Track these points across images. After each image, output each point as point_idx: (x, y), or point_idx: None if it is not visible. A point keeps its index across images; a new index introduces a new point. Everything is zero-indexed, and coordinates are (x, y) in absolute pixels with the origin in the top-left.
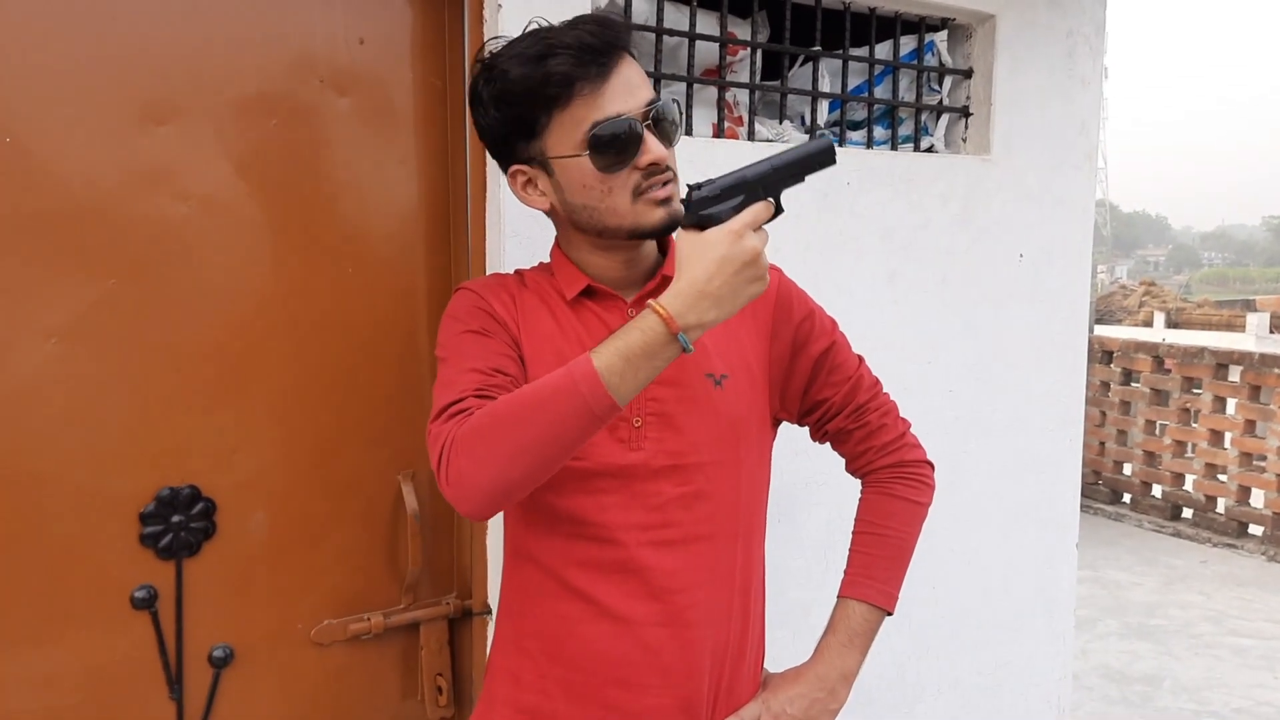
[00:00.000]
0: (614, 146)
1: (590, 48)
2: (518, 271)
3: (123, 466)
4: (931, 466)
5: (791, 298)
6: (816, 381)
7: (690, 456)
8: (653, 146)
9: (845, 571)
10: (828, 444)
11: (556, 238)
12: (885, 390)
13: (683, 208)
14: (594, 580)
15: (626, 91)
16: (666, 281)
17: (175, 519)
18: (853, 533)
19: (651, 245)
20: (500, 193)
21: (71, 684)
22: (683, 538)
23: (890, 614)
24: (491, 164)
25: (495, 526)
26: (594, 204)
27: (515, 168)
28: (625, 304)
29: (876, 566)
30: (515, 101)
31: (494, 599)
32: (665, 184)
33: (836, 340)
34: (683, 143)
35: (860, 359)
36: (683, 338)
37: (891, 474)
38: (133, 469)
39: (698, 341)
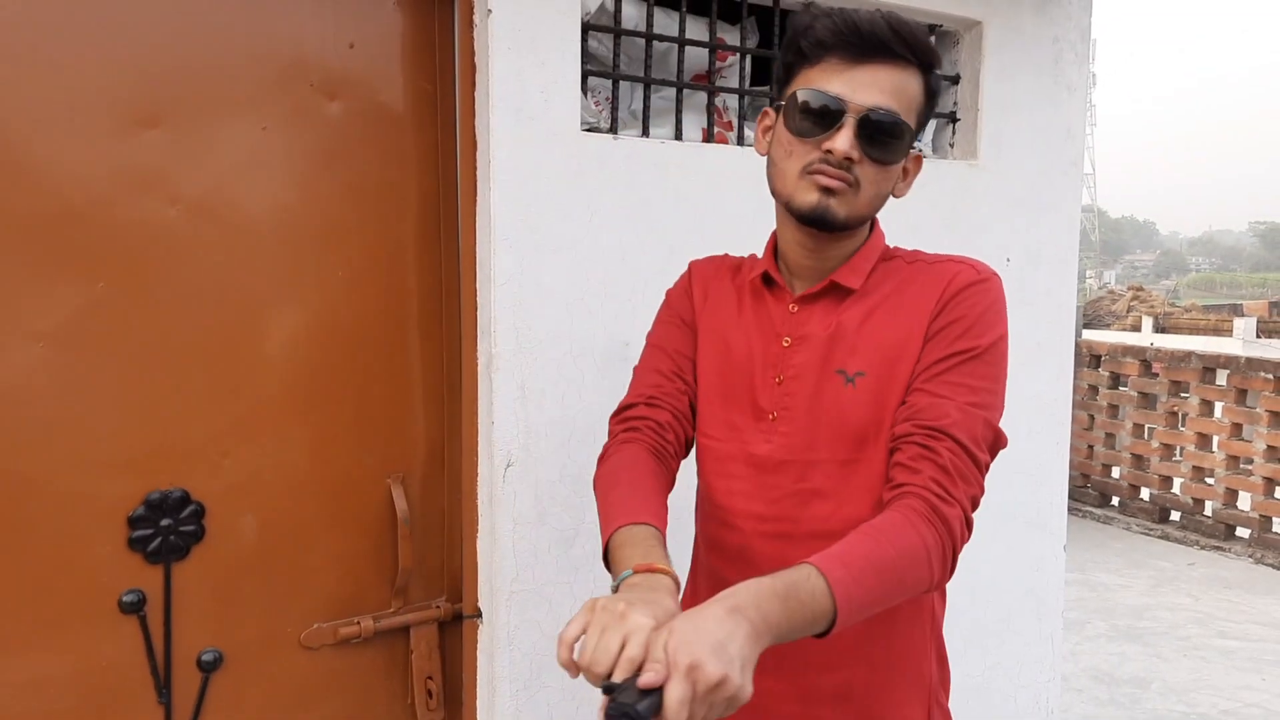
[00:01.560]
0: (810, 116)
1: (860, 34)
2: (750, 256)
3: (111, 470)
4: (956, 559)
5: (956, 300)
6: (919, 379)
7: (808, 453)
8: (842, 139)
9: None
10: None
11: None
12: (985, 472)
13: (842, 210)
14: (721, 563)
15: (862, 85)
16: (834, 287)
17: (164, 522)
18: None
19: (846, 246)
20: (490, 196)
21: (59, 689)
22: (799, 533)
23: (833, 623)
24: (482, 168)
25: (485, 530)
26: (777, 160)
27: (766, 109)
28: (789, 297)
29: (853, 557)
30: (788, 45)
31: (484, 602)
32: (837, 178)
33: (962, 364)
34: (674, 148)
35: (985, 416)
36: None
37: (928, 509)
38: (121, 472)
39: (836, 335)
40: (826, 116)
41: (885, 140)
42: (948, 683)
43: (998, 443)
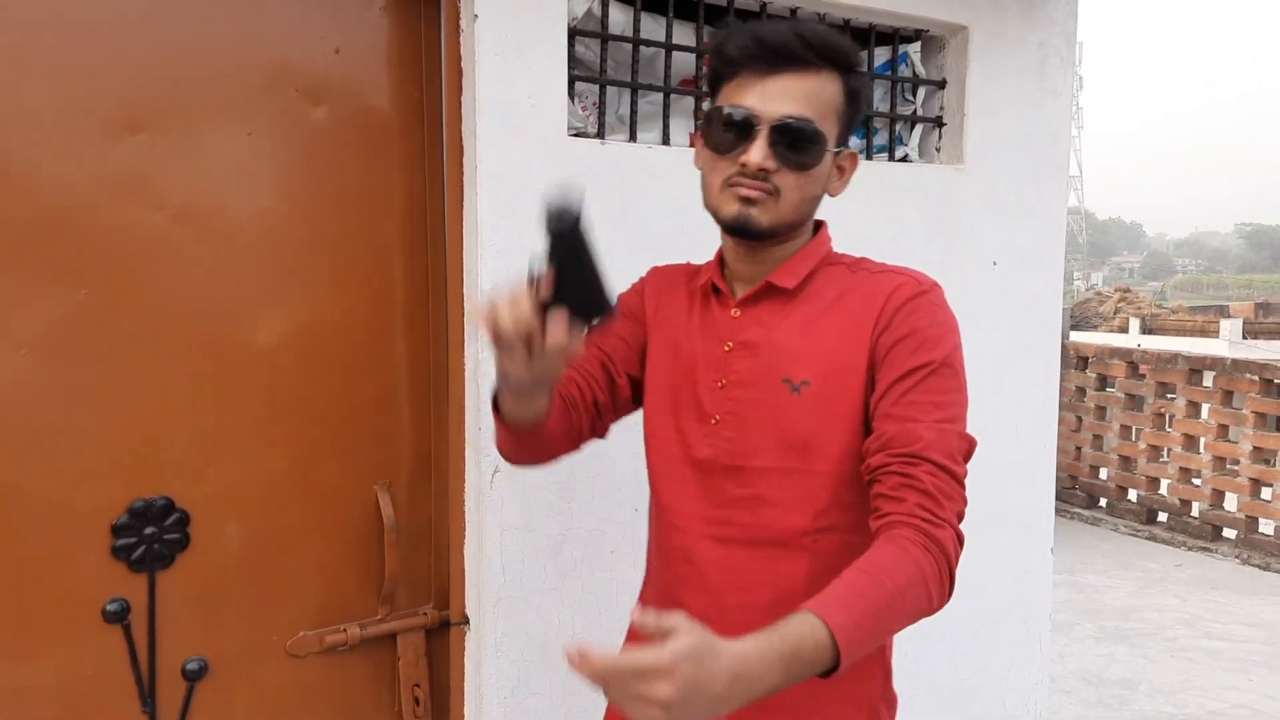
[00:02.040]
0: (726, 130)
1: (767, 46)
2: (695, 265)
3: (95, 478)
4: (954, 580)
5: (905, 313)
6: (879, 409)
7: (752, 459)
8: (755, 151)
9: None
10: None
11: None
12: (965, 484)
13: (764, 219)
14: (667, 563)
15: (773, 96)
16: (770, 289)
17: (148, 530)
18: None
19: (783, 250)
20: (477, 201)
21: (42, 699)
22: (742, 538)
23: (836, 666)
24: (469, 173)
25: (472, 536)
26: (704, 175)
27: (702, 120)
28: (732, 302)
29: (855, 603)
30: (709, 65)
31: (471, 609)
32: (754, 188)
33: (925, 380)
34: (661, 152)
35: (957, 430)
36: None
37: (920, 536)
38: (105, 480)
39: (779, 345)
40: (741, 129)
41: (801, 146)
42: (892, 702)
43: (970, 450)
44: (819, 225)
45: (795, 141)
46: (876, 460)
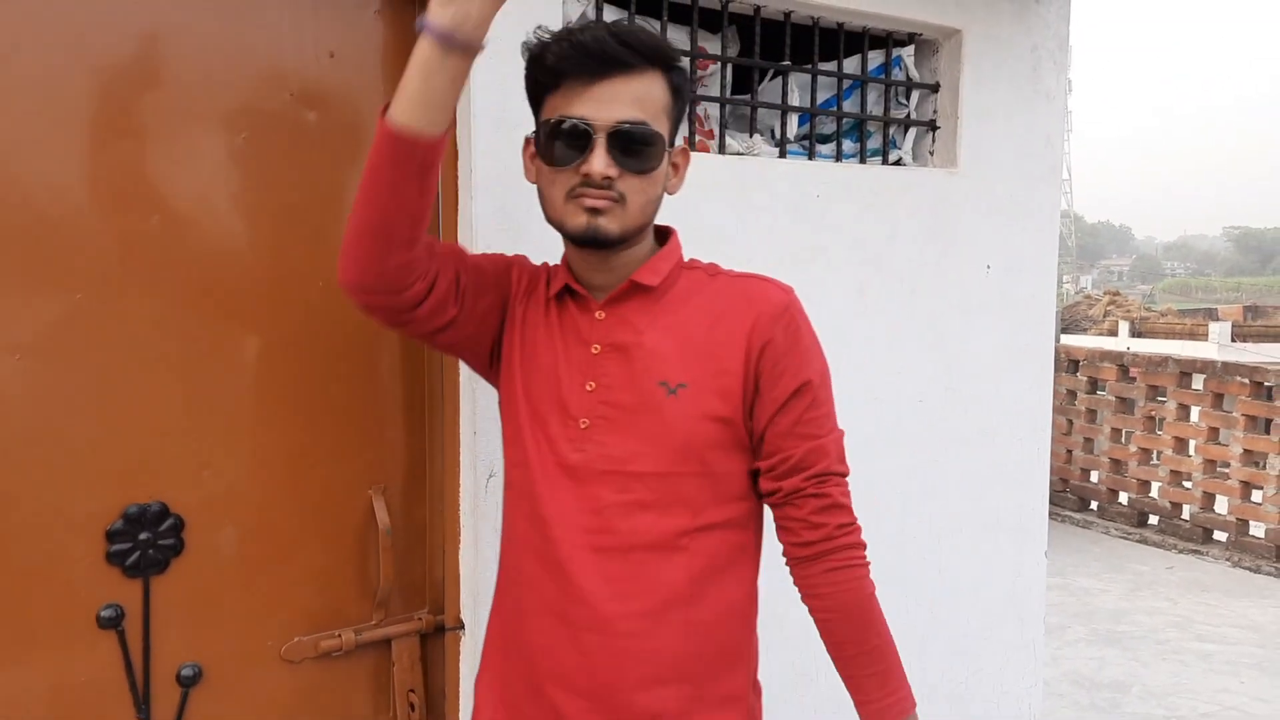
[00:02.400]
0: (561, 142)
1: (590, 52)
2: (544, 265)
3: (89, 483)
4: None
5: (784, 324)
6: (779, 426)
7: (630, 464)
8: (597, 160)
9: (859, 703)
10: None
11: None
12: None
13: (614, 227)
14: (540, 575)
15: (603, 102)
16: (635, 287)
17: (143, 536)
18: (843, 655)
19: (634, 255)
20: (472, 206)
21: (36, 705)
22: (620, 545)
23: (914, 709)
24: (463, 178)
25: (467, 541)
26: (543, 189)
27: (528, 136)
28: (595, 304)
29: (889, 685)
30: (528, 76)
31: (466, 614)
32: (600, 197)
33: (812, 395)
34: None
35: (836, 431)
36: (423, 22)
37: (850, 559)
38: (99, 486)
39: (652, 348)
40: (577, 139)
41: (639, 150)
42: (759, 690)
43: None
44: (669, 232)
45: (634, 146)
46: (790, 485)
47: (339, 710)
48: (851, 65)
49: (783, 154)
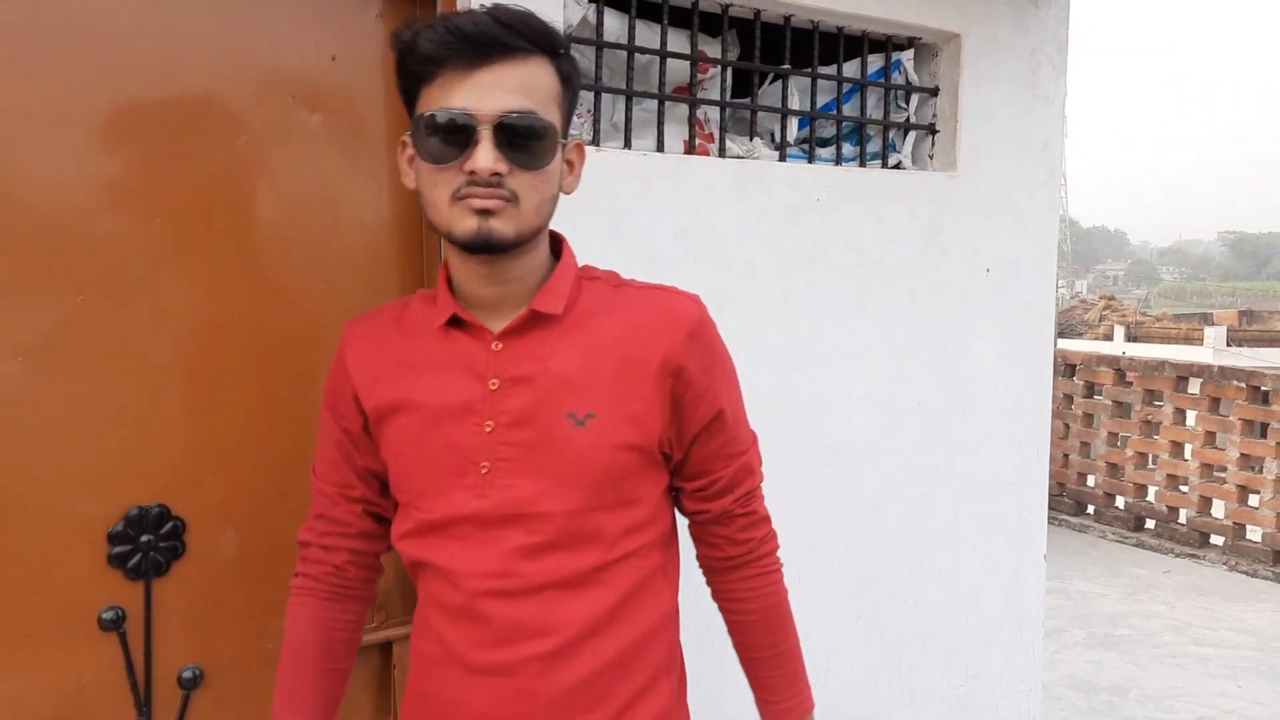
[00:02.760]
0: (442, 138)
1: (468, 37)
2: (408, 299)
3: (90, 486)
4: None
5: (700, 343)
6: (705, 449)
7: (539, 505)
8: (482, 155)
9: (763, 702)
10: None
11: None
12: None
13: (508, 229)
14: (447, 624)
15: (486, 91)
16: (535, 316)
17: (144, 539)
18: (755, 656)
19: (528, 264)
20: None
21: (38, 707)
22: (529, 588)
23: (814, 710)
24: None
25: None
26: (424, 192)
27: (403, 137)
28: (490, 337)
29: (796, 685)
30: (399, 69)
31: None
32: (489, 197)
33: (734, 410)
34: (656, 159)
35: (754, 438)
36: None
37: (769, 565)
38: (101, 488)
39: (557, 376)
40: (459, 134)
41: (530, 143)
42: (684, 698)
43: None
44: (560, 240)
45: (523, 138)
46: (719, 506)
47: (340, 712)
48: (851, 69)
49: (782, 157)
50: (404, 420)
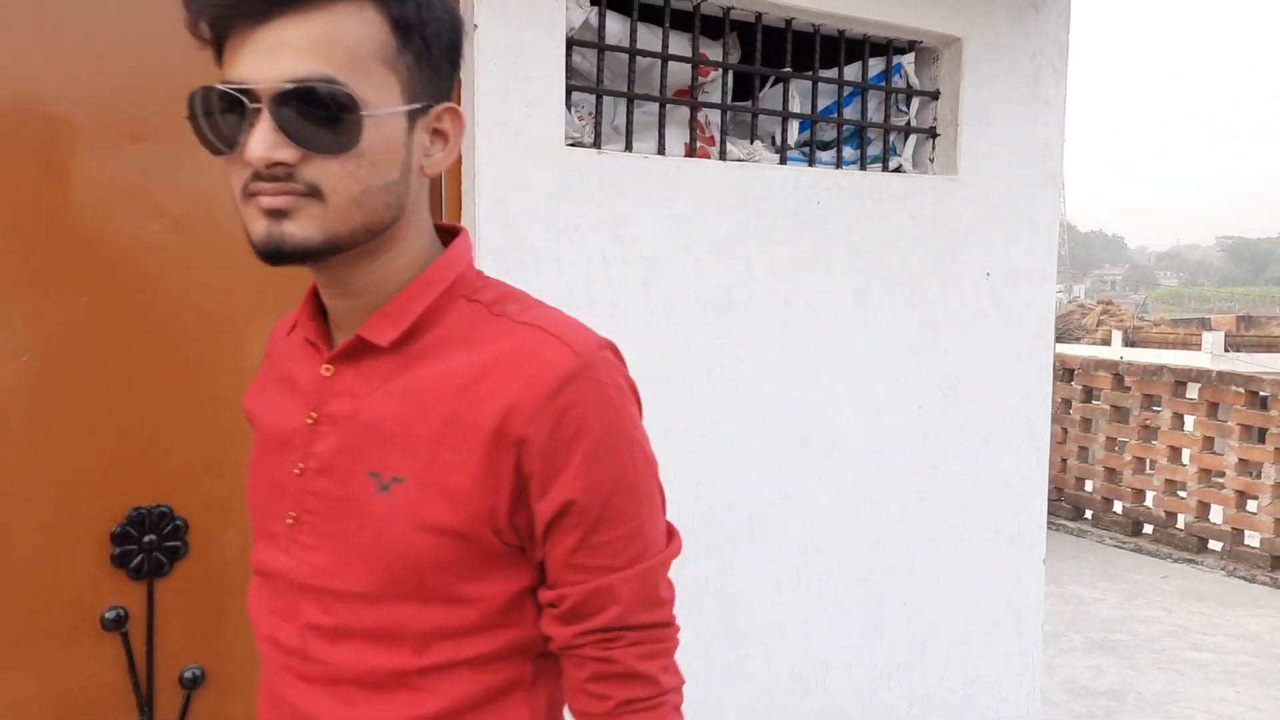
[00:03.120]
0: (216, 122)
1: None
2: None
3: (93, 486)
4: None
5: (559, 408)
6: (554, 552)
7: (334, 579)
8: (256, 142)
9: None
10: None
11: None
12: (675, 621)
13: (309, 233)
14: (264, 698)
15: (264, 56)
16: (362, 344)
17: (147, 539)
18: None
19: (384, 270)
20: (475, 210)
21: (40, 707)
22: (324, 677)
23: None
24: (467, 182)
25: None
26: (232, 186)
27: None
28: (326, 355)
29: None
30: (189, 26)
31: None
32: (278, 193)
33: (605, 508)
34: (657, 162)
35: (659, 560)
36: None
37: None
38: (104, 488)
39: (368, 421)
40: (233, 115)
41: (322, 119)
42: None
43: (673, 557)
44: (455, 235)
45: (313, 112)
46: (563, 637)
47: None
48: (852, 72)
49: (783, 160)
50: (255, 438)
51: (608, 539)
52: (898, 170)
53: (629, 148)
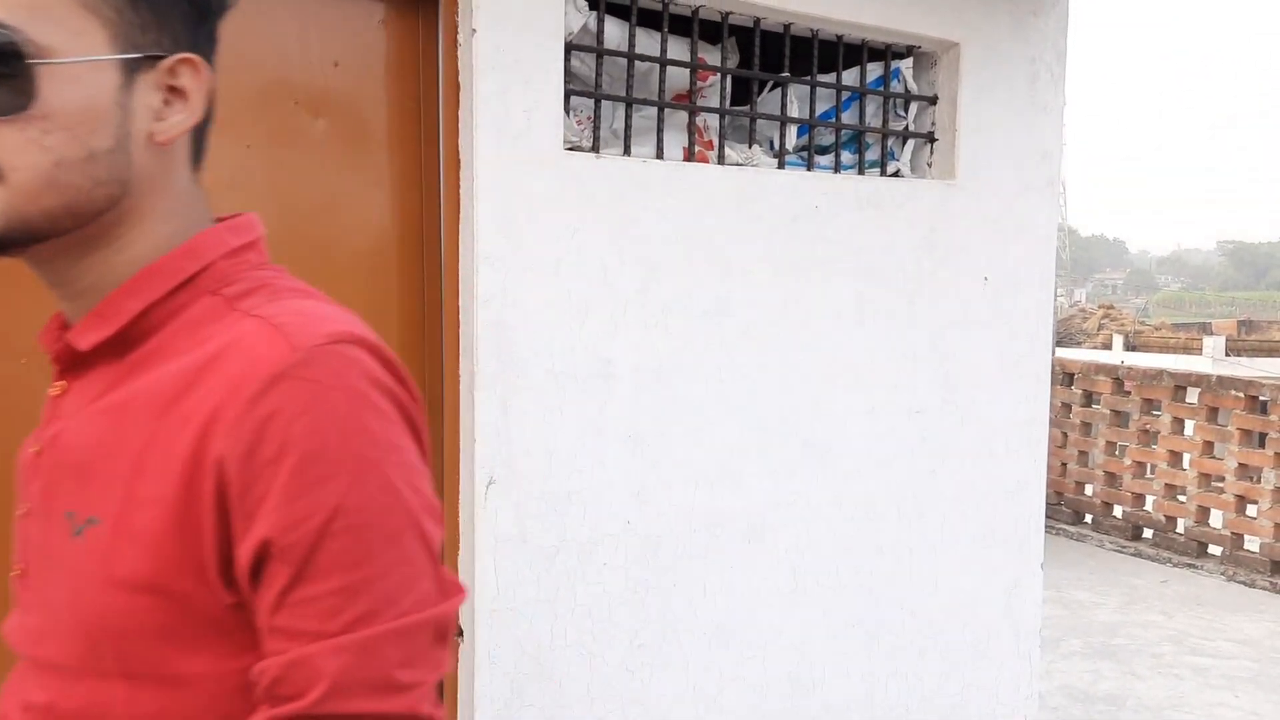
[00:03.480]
0: None
1: None
2: None
3: None
4: None
5: (260, 417)
6: (259, 608)
7: (39, 648)
8: None
9: None
10: None
11: None
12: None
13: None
14: None
15: None
16: (70, 354)
17: None
18: None
19: (111, 263)
20: (474, 214)
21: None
22: None
23: None
24: (465, 186)
25: (465, 549)
26: None
27: None
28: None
29: None
30: None
31: (465, 621)
32: None
33: (316, 551)
34: (656, 166)
35: (397, 626)
36: None
37: None
38: None
39: (68, 447)
40: None
41: None
42: None
43: (443, 624)
44: (233, 221)
45: None
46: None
47: None
48: (850, 77)
49: (781, 165)
50: None
51: (315, 593)
52: (896, 175)
53: (627, 152)
